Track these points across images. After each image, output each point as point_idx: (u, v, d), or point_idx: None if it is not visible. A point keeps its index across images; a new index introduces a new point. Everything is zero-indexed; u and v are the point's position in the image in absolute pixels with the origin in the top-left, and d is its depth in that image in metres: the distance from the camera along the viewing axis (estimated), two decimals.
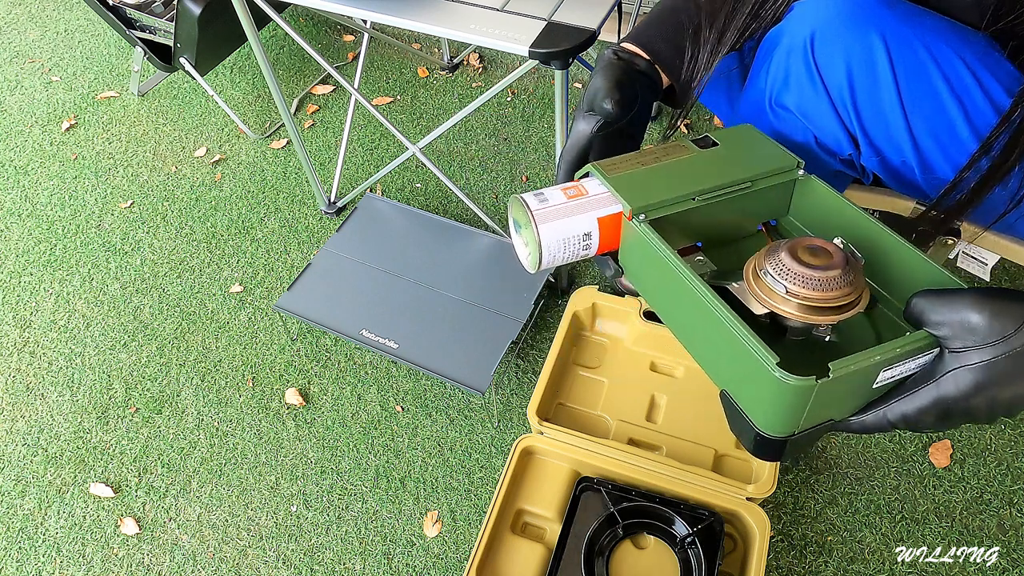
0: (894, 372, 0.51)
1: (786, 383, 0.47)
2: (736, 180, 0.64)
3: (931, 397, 0.50)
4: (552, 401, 1.19)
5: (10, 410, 1.35)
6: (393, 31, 1.99)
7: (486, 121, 1.77)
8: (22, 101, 1.96)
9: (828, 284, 0.52)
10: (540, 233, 0.62)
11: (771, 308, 0.54)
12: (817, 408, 0.50)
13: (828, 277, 0.52)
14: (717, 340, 0.54)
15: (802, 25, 0.74)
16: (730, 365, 0.55)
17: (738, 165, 0.66)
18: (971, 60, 0.70)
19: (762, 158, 0.67)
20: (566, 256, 0.64)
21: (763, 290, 0.55)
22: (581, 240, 0.64)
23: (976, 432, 1.18)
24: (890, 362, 0.50)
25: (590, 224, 0.63)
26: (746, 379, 0.52)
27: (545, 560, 1.03)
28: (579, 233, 0.63)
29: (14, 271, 1.58)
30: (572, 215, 0.63)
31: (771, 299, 0.54)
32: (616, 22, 1.36)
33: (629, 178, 0.65)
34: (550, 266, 0.65)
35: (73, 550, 1.18)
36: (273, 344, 1.40)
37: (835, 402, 0.52)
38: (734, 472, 1.10)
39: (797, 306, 0.53)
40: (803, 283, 0.53)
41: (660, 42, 0.76)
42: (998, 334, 0.47)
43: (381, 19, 1.00)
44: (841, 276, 0.52)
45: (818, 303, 0.52)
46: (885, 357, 0.49)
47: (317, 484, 1.22)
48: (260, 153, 1.77)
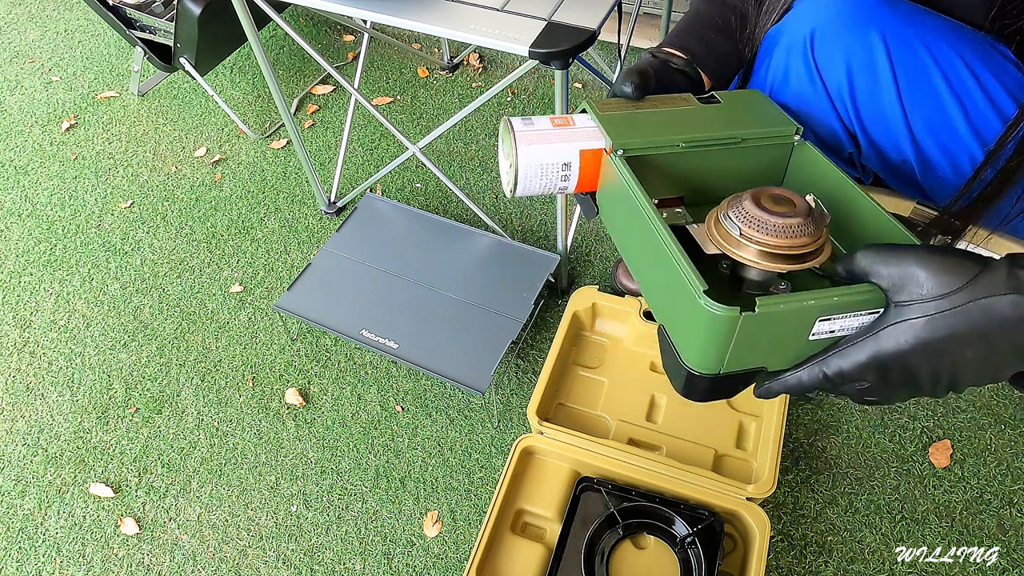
0: (832, 326, 0.49)
1: (710, 311, 0.47)
2: (727, 134, 0.63)
3: (869, 352, 0.47)
4: (552, 401, 1.19)
5: (10, 410, 1.35)
6: (393, 31, 1.99)
7: (486, 121, 1.77)
8: (22, 101, 1.96)
9: (785, 231, 0.51)
10: (519, 154, 0.61)
11: (724, 250, 0.53)
12: (745, 349, 0.49)
13: (786, 224, 0.51)
14: (660, 270, 0.54)
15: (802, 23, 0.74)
16: (667, 296, 0.54)
17: (733, 121, 0.65)
18: (971, 59, 0.70)
19: (759, 118, 0.66)
20: (543, 184, 0.64)
21: (720, 233, 0.54)
22: (560, 170, 0.63)
23: (976, 432, 1.18)
24: (825, 311, 0.48)
25: (571, 154, 0.63)
26: (679, 310, 0.51)
27: (545, 560, 1.03)
28: (559, 161, 0.62)
29: (14, 271, 1.58)
30: (554, 142, 0.62)
31: (726, 241, 0.53)
32: (616, 22, 1.36)
33: (619, 117, 0.64)
34: (527, 192, 0.64)
35: (73, 550, 1.18)
36: (273, 344, 1.40)
37: (766, 347, 0.50)
38: (734, 472, 1.10)
39: (752, 251, 0.52)
40: (759, 227, 0.51)
41: (695, 42, 0.76)
42: (943, 288, 0.45)
43: (381, 19, 1.00)
44: (800, 225, 0.51)
45: (772, 249, 0.51)
46: (819, 303, 0.48)
47: (317, 484, 1.22)
48: (260, 153, 1.77)
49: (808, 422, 1.22)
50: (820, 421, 1.22)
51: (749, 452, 1.12)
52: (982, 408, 1.21)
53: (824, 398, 1.23)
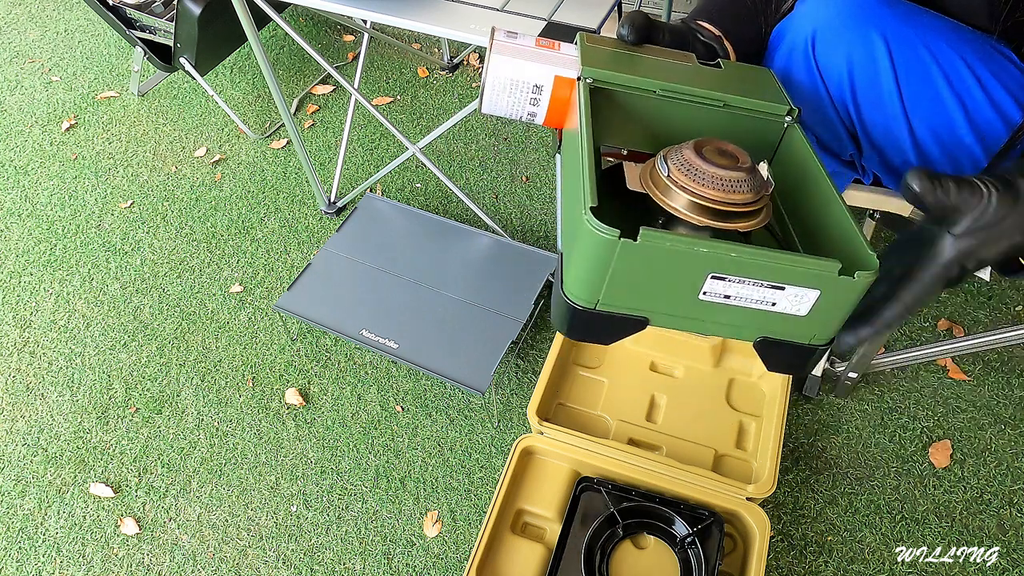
0: (728, 290, 0.46)
1: (590, 228, 0.44)
2: (709, 94, 0.59)
3: (934, 275, 0.53)
4: (552, 401, 1.19)
5: (10, 410, 1.35)
6: (393, 31, 1.99)
7: (486, 121, 1.77)
8: (22, 101, 1.96)
9: (716, 182, 0.48)
10: (491, 64, 0.58)
11: (648, 189, 0.51)
12: (624, 285, 0.46)
13: (718, 175, 0.48)
14: (571, 193, 0.51)
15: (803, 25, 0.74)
16: (568, 220, 0.51)
17: (723, 85, 0.60)
18: (972, 59, 0.70)
19: (753, 90, 0.62)
20: (511, 104, 0.60)
21: (651, 173, 0.51)
22: (530, 92, 0.59)
23: (976, 432, 1.18)
24: (718, 266, 0.45)
25: (545, 77, 0.59)
26: (573, 234, 0.48)
27: (545, 560, 1.03)
28: (530, 82, 0.59)
29: (14, 271, 1.58)
30: (530, 60, 0.59)
31: (653, 182, 0.50)
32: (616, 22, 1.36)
33: (605, 52, 0.60)
34: (494, 110, 0.61)
35: (73, 550, 1.18)
36: (273, 344, 1.40)
37: (648, 291, 0.47)
38: (734, 472, 1.10)
39: (679, 198, 0.49)
40: (690, 173, 0.49)
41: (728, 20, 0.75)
42: (997, 218, 0.51)
43: (381, 19, 1.00)
44: (734, 180, 0.48)
45: (698, 199, 0.48)
46: (712, 253, 0.44)
47: (317, 484, 1.22)
48: (260, 153, 1.77)
49: (808, 422, 1.22)
50: (820, 421, 1.22)
51: (749, 452, 1.12)
52: (982, 408, 1.21)
53: (824, 398, 1.23)
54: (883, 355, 1.16)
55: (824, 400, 1.24)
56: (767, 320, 0.49)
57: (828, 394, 1.24)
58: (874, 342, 1.13)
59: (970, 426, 1.19)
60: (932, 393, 1.23)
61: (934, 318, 1.32)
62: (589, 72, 0.57)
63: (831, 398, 1.24)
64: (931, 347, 1.14)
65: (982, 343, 1.07)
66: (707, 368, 1.21)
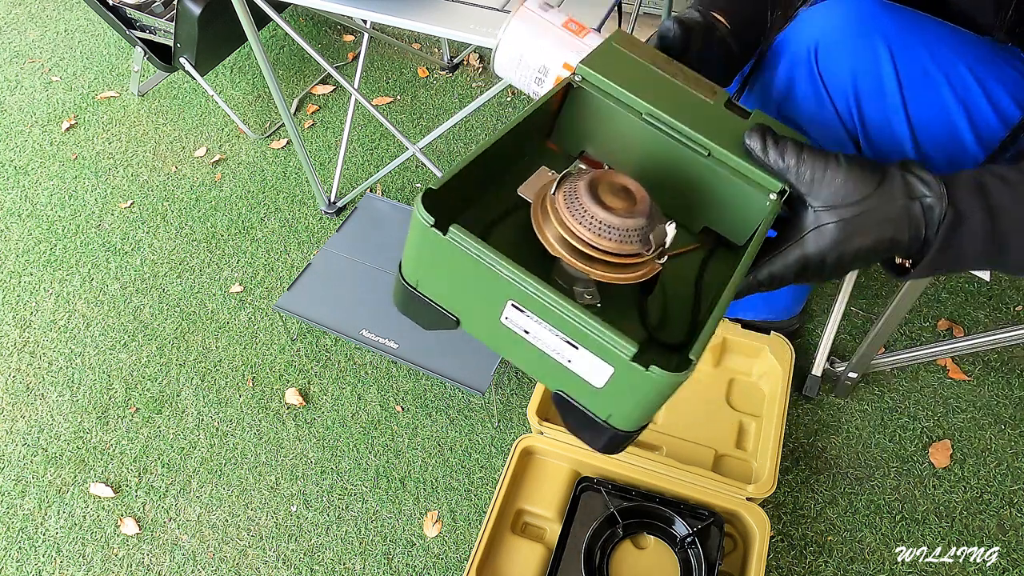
0: (526, 324, 0.43)
1: (417, 206, 0.43)
2: (696, 136, 0.53)
3: (796, 256, 0.53)
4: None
5: (10, 410, 1.35)
6: (393, 31, 1.99)
7: (486, 121, 1.77)
8: (22, 101, 1.96)
9: (590, 222, 0.43)
10: (508, 26, 0.57)
11: (533, 204, 0.47)
12: (435, 275, 0.45)
13: (596, 216, 0.43)
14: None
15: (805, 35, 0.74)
16: None
17: (720, 132, 0.54)
18: (974, 65, 0.70)
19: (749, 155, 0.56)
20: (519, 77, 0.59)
21: (541, 191, 0.47)
22: (536, 72, 0.58)
23: (976, 432, 1.18)
24: (518, 296, 0.41)
25: (554, 61, 0.58)
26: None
27: (545, 560, 1.03)
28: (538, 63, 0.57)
29: (14, 271, 1.58)
30: (548, 39, 0.57)
31: (536, 200, 0.47)
32: (616, 22, 1.36)
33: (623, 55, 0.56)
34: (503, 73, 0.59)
35: (73, 550, 1.18)
36: (273, 344, 1.40)
37: (454, 291, 0.46)
38: (734, 472, 1.10)
39: (552, 228, 0.45)
40: (570, 206, 0.44)
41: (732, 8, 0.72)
42: (855, 196, 0.51)
43: (381, 19, 1.00)
44: (619, 230, 0.43)
45: (565, 232, 0.44)
46: (513, 276, 0.41)
47: (317, 484, 1.22)
48: (260, 153, 1.77)
49: (808, 422, 1.22)
50: (820, 421, 1.22)
51: (749, 452, 1.12)
52: (982, 408, 1.21)
53: (824, 398, 1.23)
54: (883, 355, 1.16)
55: (824, 400, 1.24)
56: (565, 375, 0.44)
57: (828, 394, 1.24)
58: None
59: (970, 426, 1.19)
60: (932, 393, 1.23)
61: (934, 318, 1.32)
62: (584, 70, 0.54)
63: (831, 398, 1.24)
64: (931, 347, 1.14)
65: (982, 343, 1.07)
66: (707, 368, 1.20)
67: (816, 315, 1.34)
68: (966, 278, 1.37)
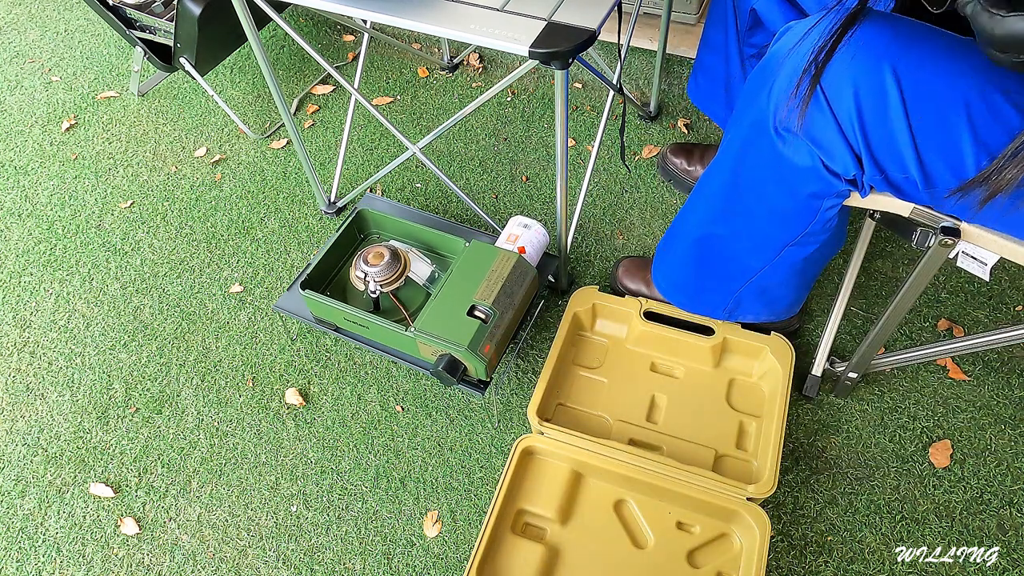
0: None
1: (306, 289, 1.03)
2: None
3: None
4: (552, 401, 1.19)
5: (10, 410, 1.35)
6: (393, 31, 1.99)
7: (486, 121, 1.77)
8: (22, 101, 1.96)
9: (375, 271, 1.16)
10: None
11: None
12: (317, 309, 1.01)
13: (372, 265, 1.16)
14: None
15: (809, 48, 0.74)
16: None
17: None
18: (978, 75, 0.70)
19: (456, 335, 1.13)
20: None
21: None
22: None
23: (976, 432, 1.18)
24: (344, 324, 1.03)
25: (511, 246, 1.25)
26: None
27: (545, 560, 1.03)
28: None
29: (14, 271, 1.58)
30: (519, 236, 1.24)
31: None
32: (616, 22, 1.36)
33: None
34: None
35: (73, 550, 1.18)
36: (273, 344, 1.40)
37: (325, 312, 1.06)
38: (734, 472, 1.10)
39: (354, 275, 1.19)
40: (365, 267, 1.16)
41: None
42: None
43: (381, 19, 1.00)
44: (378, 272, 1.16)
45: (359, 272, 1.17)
46: (341, 310, 1.05)
47: (317, 484, 1.22)
48: (260, 153, 1.77)
49: (808, 422, 1.22)
50: (820, 421, 1.22)
51: (749, 452, 1.12)
52: (982, 408, 1.21)
53: (824, 398, 1.23)
54: (883, 355, 1.16)
55: (824, 400, 1.24)
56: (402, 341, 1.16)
57: (828, 394, 1.24)
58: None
59: (970, 426, 1.19)
60: (932, 393, 1.23)
61: (934, 318, 1.32)
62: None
63: (831, 398, 1.24)
64: (931, 347, 1.13)
65: (982, 343, 1.07)
66: (707, 368, 1.21)
67: (816, 315, 1.34)
68: (966, 278, 1.37)
